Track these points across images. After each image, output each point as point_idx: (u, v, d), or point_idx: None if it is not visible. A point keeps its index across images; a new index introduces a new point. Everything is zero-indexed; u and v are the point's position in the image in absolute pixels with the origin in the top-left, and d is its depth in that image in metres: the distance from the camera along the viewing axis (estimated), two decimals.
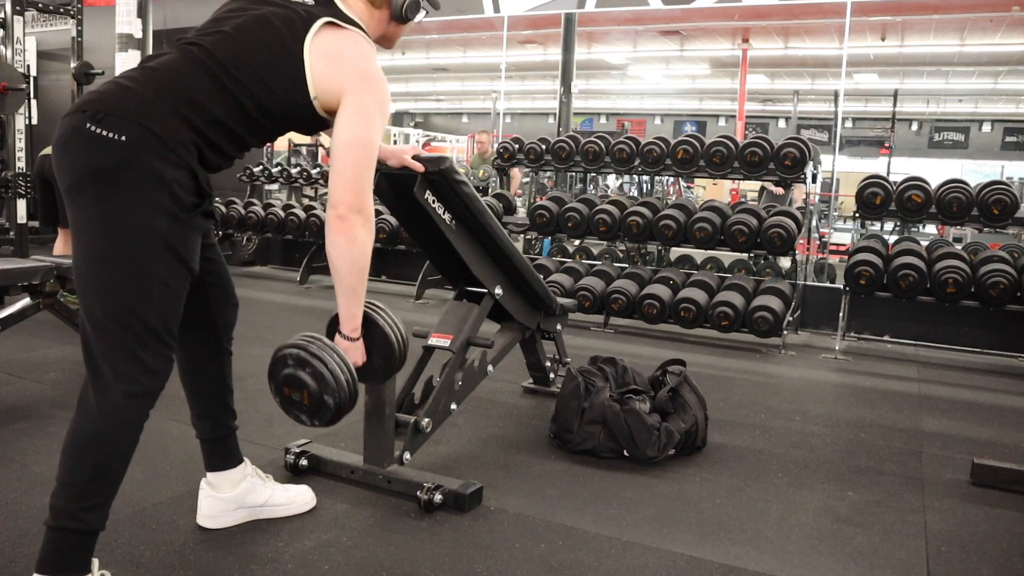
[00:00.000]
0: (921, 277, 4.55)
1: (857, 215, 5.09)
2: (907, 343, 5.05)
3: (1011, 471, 2.60)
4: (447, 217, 2.39)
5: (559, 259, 5.87)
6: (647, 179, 10.63)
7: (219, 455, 2.00)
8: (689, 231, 5.09)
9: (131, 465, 1.60)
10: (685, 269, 5.78)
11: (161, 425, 2.42)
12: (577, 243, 6.85)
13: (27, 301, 3.21)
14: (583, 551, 2.01)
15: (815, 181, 5.57)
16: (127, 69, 1.66)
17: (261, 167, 7.53)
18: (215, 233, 1.90)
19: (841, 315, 4.90)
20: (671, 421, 2.72)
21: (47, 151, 4.71)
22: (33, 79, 6.33)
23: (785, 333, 4.78)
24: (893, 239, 5.60)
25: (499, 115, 9.89)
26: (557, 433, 2.80)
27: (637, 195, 9.87)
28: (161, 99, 1.54)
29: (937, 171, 11.98)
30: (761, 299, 4.80)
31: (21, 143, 5.84)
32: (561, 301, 3.23)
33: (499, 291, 2.68)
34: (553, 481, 2.49)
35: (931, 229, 9.82)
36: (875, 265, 4.69)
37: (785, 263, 5.97)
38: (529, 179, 9.78)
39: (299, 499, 2.14)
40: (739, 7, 7.90)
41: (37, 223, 5.35)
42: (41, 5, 6.09)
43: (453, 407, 2.54)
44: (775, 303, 4.73)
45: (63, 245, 4.92)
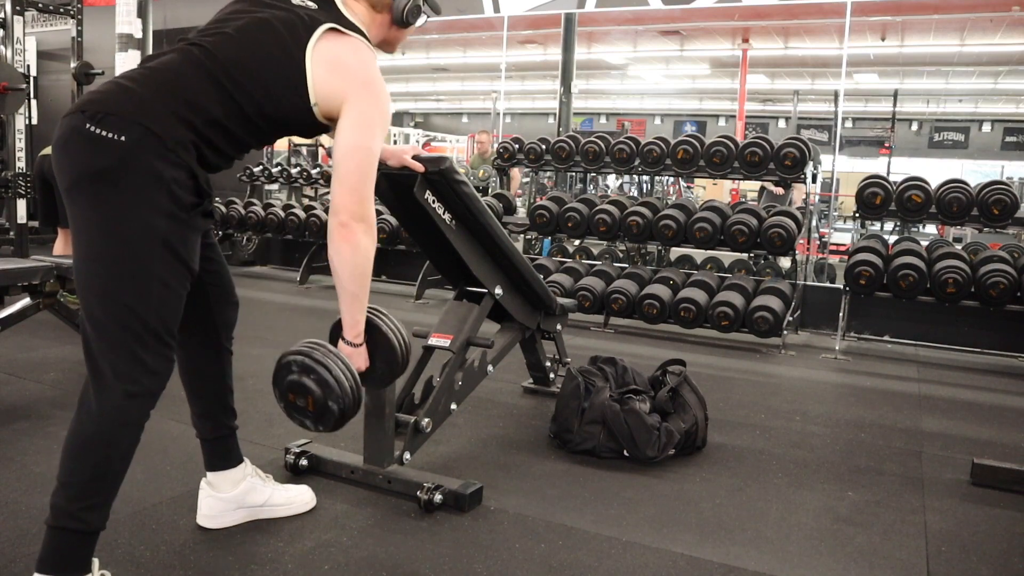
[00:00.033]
0: (921, 277, 4.56)
1: (857, 215, 5.09)
2: (907, 343, 5.05)
3: (1011, 471, 2.60)
4: (447, 217, 2.39)
5: (559, 259, 5.87)
6: (647, 179, 10.64)
7: (219, 455, 2.00)
8: (689, 231, 5.09)
9: (131, 465, 1.60)
10: (685, 269, 5.78)
11: (161, 425, 2.42)
12: (577, 243, 6.85)
13: (27, 301, 3.21)
14: (583, 551, 2.01)
15: (815, 181, 5.57)
16: (128, 69, 1.66)
17: (261, 167, 7.53)
18: (215, 233, 1.91)
19: (841, 315, 4.90)
20: (671, 421, 2.72)
21: (47, 151, 4.72)
22: (33, 79, 6.33)
23: (785, 333, 4.78)
24: (893, 239, 5.60)
25: (499, 115, 9.88)
26: (557, 433, 2.80)
27: (637, 195, 9.87)
28: (160, 99, 1.54)
29: (937, 171, 11.98)
30: (761, 299, 4.80)
31: (21, 143, 5.85)
32: (561, 301, 3.23)
33: (499, 291, 2.68)
34: (553, 481, 2.49)
35: (931, 229, 9.82)
36: (875, 265, 4.69)
37: (785, 263, 5.97)
38: (529, 179, 9.79)
39: (299, 499, 2.14)
40: (739, 7, 7.90)
41: (37, 223, 5.35)
42: (41, 5, 6.09)
43: (453, 407, 2.54)
44: (775, 303, 4.73)
45: (63, 245, 4.92)
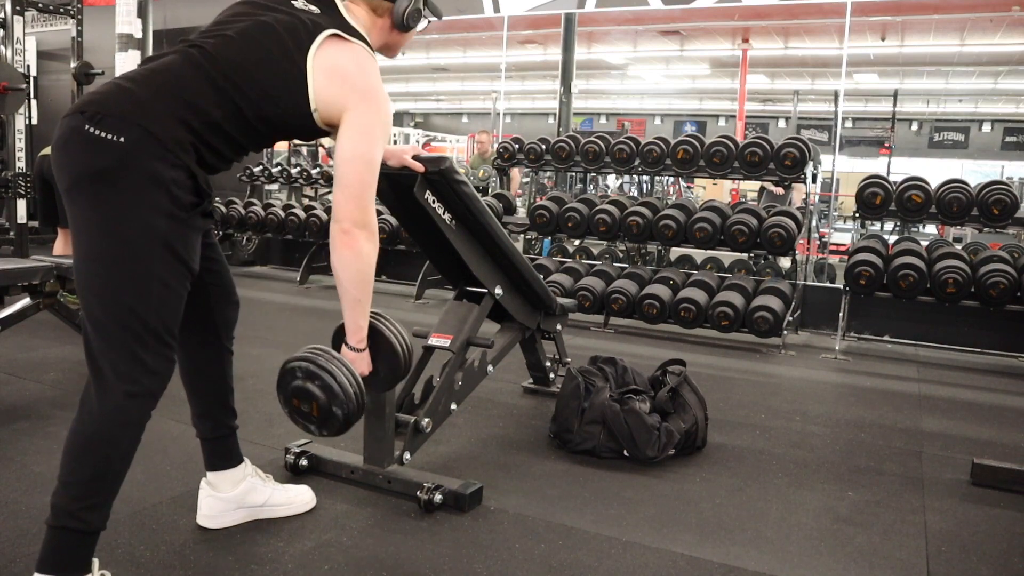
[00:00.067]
0: (921, 277, 4.56)
1: (857, 215, 5.09)
2: (907, 343, 5.05)
3: (1011, 471, 2.60)
4: (447, 217, 2.39)
5: (559, 259, 5.87)
6: (647, 179, 10.63)
7: (219, 455, 2.00)
8: (689, 231, 5.09)
9: (131, 465, 1.60)
10: (685, 269, 5.78)
11: (161, 425, 2.42)
12: (577, 243, 6.85)
13: (27, 301, 3.21)
14: (583, 551, 2.01)
15: (815, 181, 5.57)
16: (128, 70, 1.66)
17: (261, 167, 7.53)
18: (215, 233, 1.91)
19: (841, 315, 4.90)
20: (671, 421, 2.72)
21: (47, 151, 4.72)
22: (33, 79, 6.34)
23: (785, 333, 4.78)
24: (893, 239, 5.60)
25: (499, 115, 9.88)
26: (557, 433, 2.80)
27: (637, 195, 9.87)
28: (159, 100, 1.54)
29: (937, 171, 11.97)
30: (761, 299, 4.80)
31: (21, 143, 5.85)
32: (561, 301, 3.23)
33: (499, 291, 2.68)
34: (553, 481, 2.49)
35: (931, 229, 9.82)
36: (875, 265, 4.69)
37: (785, 263, 5.97)
38: (529, 179, 9.78)
39: (299, 499, 2.14)
40: (739, 7, 7.90)
41: (37, 223, 5.35)
42: (41, 5, 6.09)
43: (453, 407, 2.54)
44: (775, 303, 4.73)
45: (63, 245, 4.92)
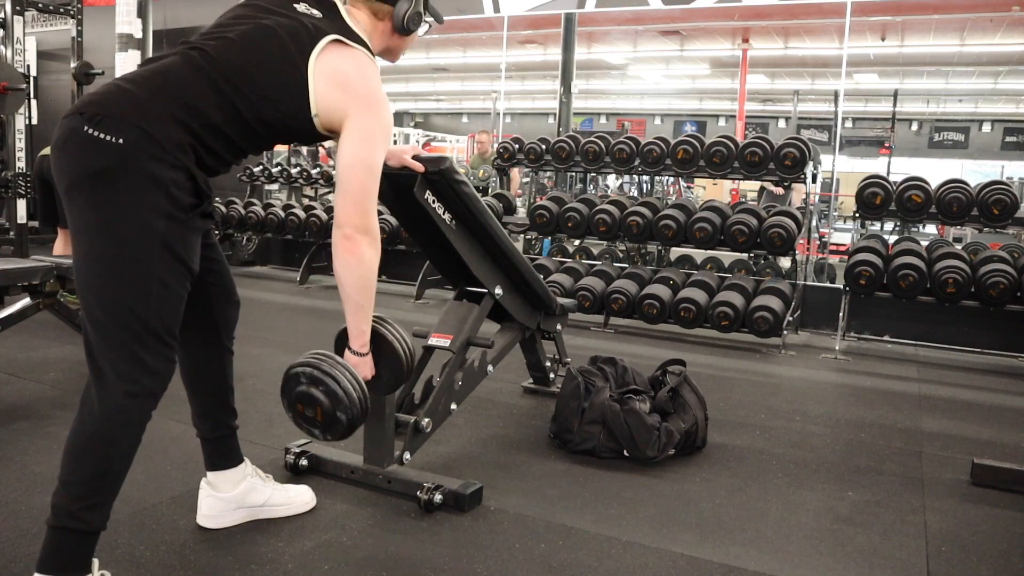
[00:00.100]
0: (921, 277, 4.56)
1: (857, 215, 5.09)
2: (907, 343, 5.05)
3: (1011, 471, 2.60)
4: (447, 217, 2.39)
5: (559, 259, 5.87)
6: (647, 179, 10.63)
7: (219, 454, 2.00)
8: (689, 231, 5.09)
9: (131, 465, 1.60)
10: (685, 269, 5.78)
11: (161, 425, 2.42)
12: (577, 243, 6.85)
13: (27, 301, 3.21)
14: (583, 551, 2.01)
15: (815, 181, 5.57)
16: (128, 71, 1.66)
17: (261, 167, 7.54)
18: (215, 233, 1.91)
19: (841, 315, 4.90)
20: (671, 421, 2.72)
21: (47, 151, 4.71)
22: (33, 79, 6.34)
23: (785, 333, 4.78)
24: (893, 239, 5.60)
25: (499, 115, 9.88)
26: (557, 433, 2.80)
27: (637, 195, 9.87)
28: (159, 102, 1.54)
29: (937, 171, 11.96)
30: (761, 299, 4.80)
31: (21, 143, 5.85)
32: (561, 301, 3.23)
33: (499, 291, 2.68)
34: (553, 481, 2.49)
35: (931, 229, 9.82)
36: (875, 265, 4.69)
37: (785, 263, 5.97)
38: (529, 179, 9.78)
39: (299, 499, 2.14)
40: (739, 7, 7.89)
41: (37, 223, 5.35)
42: (41, 5, 6.09)
43: (453, 407, 2.54)
44: (775, 303, 4.73)
45: (63, 245, 4.92)
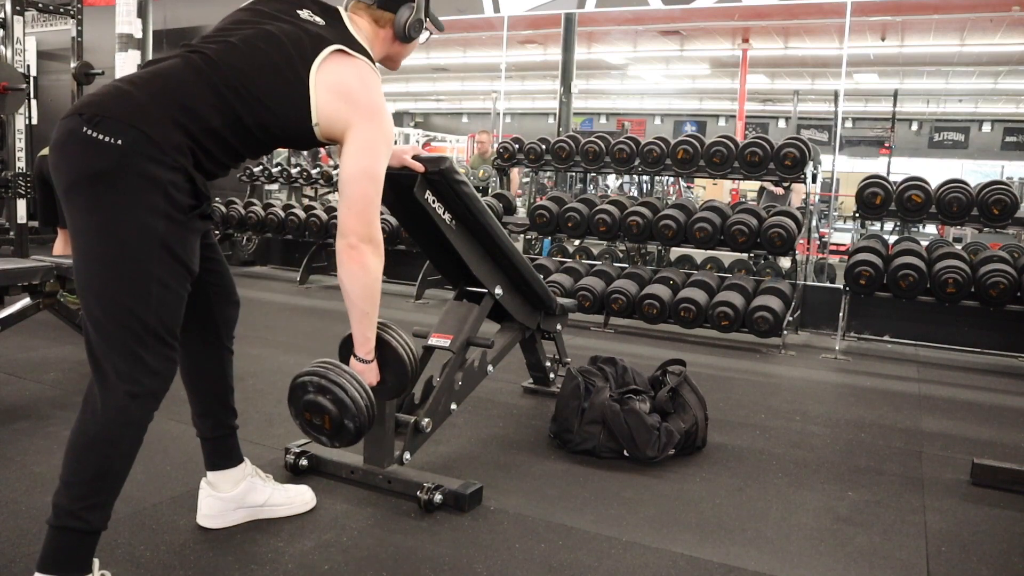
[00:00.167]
0: (921, 277, 4.56)
1: (857, 215, 5.09)
2: (907, 343, 5.05)
3: (1011, 471, 2.60)
4: (447, 217, 2.39)
5: (559, 259, 5.87)
6: (647, 179, 10.63)
7: (220, 454, 2.00)
8: (689, 231, 5.09)
9: (132, 465, 1.60)
10: (685, 269, 5.79)
11: (161, 425, 2.42)
12: (577, 243, 6.85)
13: (27, 301, 3.20)
14: (583, 551, 2.01)
15: (815, 181, 5.57)
16: (128, 73, 1.66)
17: (261, 167, 7.53)
18: (215, 233, 1.92)
19: (841, 315, 4.90)
20: (671, 421, 2.72)
21: (47, 151, 4.71)
22: (33, 79, 6.34)
23: (785, 333, 4.78)
24: (893, 239, 5.60)
25: (499, 115, 9.88)
26: (557, 433, 2.80)
27: (637, 195, 9.87)
28: (158, 104, 1.54)
29: (937, 171, 11.97)
30: (761, 299, 4.80)
31: (21, 143, 5.85)
32: (561, 301, 3.23)
33: (499, 291, 2.68)
34: (553, 481, 2.49)
35: (931, 229, 9.82)
36: (875, 265, 4.69)
37: (785, 263, 5.97)
38: (529, 179, 9.78)
39: (299, 499, 2.15)
40: (739, 7, 7.89)
41: (37, 223, 5.35)
42: (41, 5, 6.10)
43: (453, 407, 2.54)
44: (775, 303, 4.73)
45: (63, 245, 4.92)
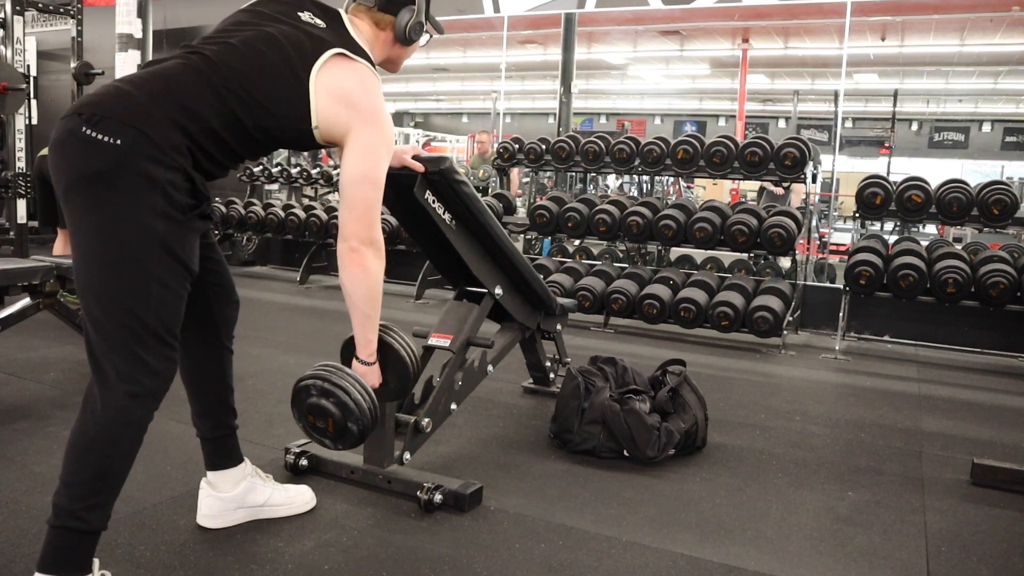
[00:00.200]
0: (921, 277, 4.56)
1: (857, 215, 5.09)
2: (907, 343, 5.05)
3: (1011, 471, 2.60)
4: (447, 217, 2.39)
5: (559, 259, 5.87)
6: (647, 179, 10.63)
7: (219, 454, 2.00)
8: (689, 231, 5.09)
9: (132, 465, 1.60)
10: (685, 269, 5.79)
11: (161, 425, 2.41)
12: (577, 243, 6.85)
13: (27, 301, 3.20)
14: (583, 551, 2.01)
15: (815, 181, 5.57)
16: (129, 73, 1.67)
17: (261, 167, 7.53)
18: (215, 233, 1.92)
19: (841, 315, 4.90)
20: (671, 421, 2.72)
21: (47, 151, 4.72)
22: (33, 79, 6.34)
23: (785, 333, 4.78)
24: (893, 239, 5.60)
25: (499, 115, 9.88)
26: (557, 433, 2.80)
27: (637, 195, 9.86)
28: (157, 104, 1.54)
29: (937, 171, 11.96)
30: (761, 299, 4.80)
31: (21, 143, 5.85)
32: (561, 301, 3.23)
33: (499, 291, 2.68)
34: (553, 481, 2.49)
35: (931, 229, 9.82)
36: (875, 265, 4.69)
37: (785, 263, 5.97)
38: (529, 179, 9.78)
39: (299, 499, 2.15)
40: (739, 7, 7.89)
41: (37, 223, 5.35)
42: (41, 5, 6.10)
43: (453, 407, 2.54)
44: (775, 303, 4.73)
45: (63, 245, 4.92)
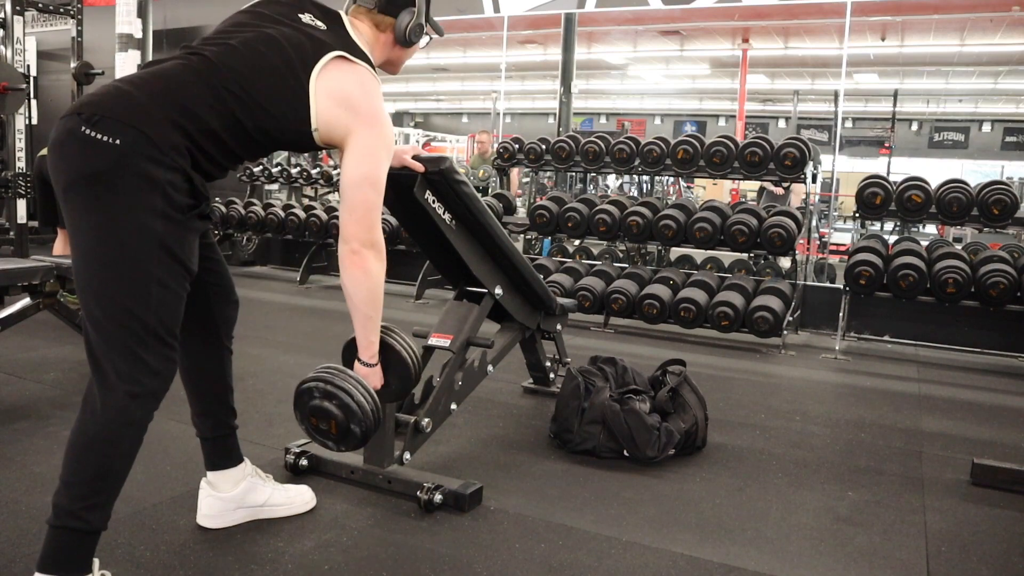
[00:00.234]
0: (921, 277, 4.56)
1: (857, 215, 5.09)
2: (907, 343, 5.05)
3: (1011, 471, 2.60)
4: (447, 217, 2.39)
5: (559, 259, 5.87)
6: (647, 179, 10.63)
7: (219, 454, 2.00)
8: (689, 231, 5.09)
9: (132, 465, 1.60)
10: (685, 269, 5.79)
11: (161, 425, 2.41)
12: (577, 243, 6.85)
13: (27, 301, 3.20)
14: (583, 551, 2.01)
15: (815, 181, 5.57)
16: (128, 73, 1.67)
17: (261, 167, 7.53)
18: (214, 233, 1.92)
19: (841, 315, 4.90)
20: (671, 421, 2.72)
21: (46, 151, 4.72)
22: (33, 79, 6.34)
23: (785, 333, 4.78)
24: (893, 239, 5.60)
25: (499, 115, 9.88)
26: (557, 433, 2.80)
27: (637, 195, 9.86)
28: (156, 104, 1.54)
29: (937, 171, 11.96)
30: (761, 299, 4.80)
31: (21, 143, 5.85)
32: (561, 301, 3.23)
33: (499, 291, 2.68)
34: (553, 481, 2.49)
35: (931, 229, 9.82)
36: (875, 265, 4.69)
37: (785, 263, 5.97)
38: (529, 179, 9.78)
39: (299, 499, 2.15)
40: (739, 7, 7.89)
41: (37, 223, 5.35)
42: (41, 5, 6.10)
43: (453, 407, 2.54)
44: (775, 303, 4.73)
45: (63, 245, 4.92)
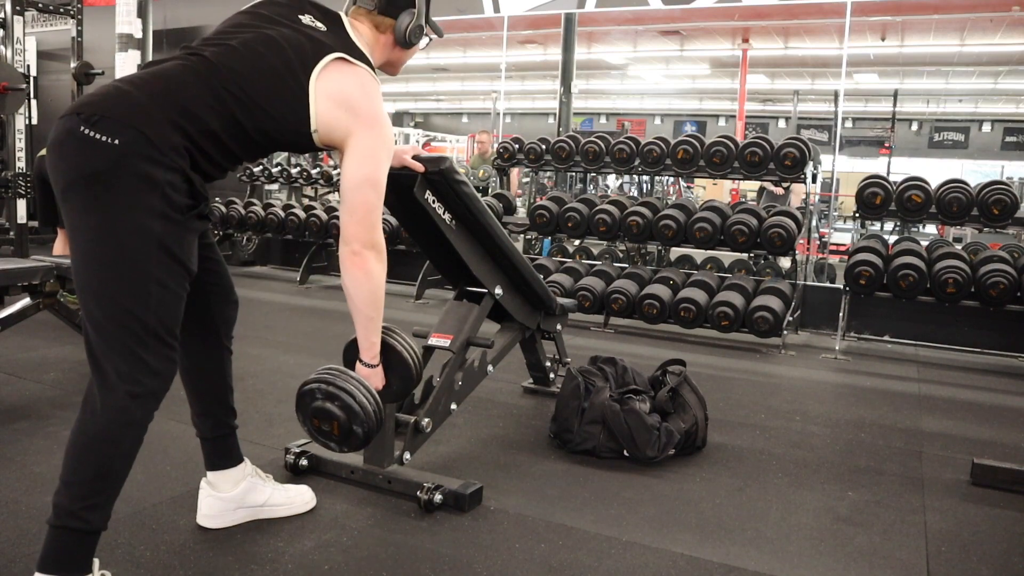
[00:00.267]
0: (921, 277, 4.56)
1: (857, 215, 5.09)
2: (907, 343, 5.05)
3: (1011, 471, 2.60)
4: (447, 217, 2.40)
5: (559, 259, 5.87)
6: (647, 179, 10.63)
7: (219, 454, 2.00)
8: (689, 231, 5.09)
9: (132, 465, 1.60)
10: (685, 269, 5.79)
11: (161, 425, 2.41)
12: (577, 243, 6.85)
13: (27, 301, 3.20)
14: (583, 551, 2.01)
15: (815, 181, 5.57)
16: (128, 73, 1.67)
17: (261, 167, 7.53)
18: (214, 233, 1.92)
19: (841, 315, 4.90)
20: (671, 421, 2.72)
21: (46, 151, 4.72)
22: (33, 79, 6.34)
23: (785, 333, 4.78)
24: (893, 239, 5.60)
25: (499, 115, 9.88)
26: (557, 433, 2.80)
27: (637, 195, 9.86)
28: (156, 105, 1.54)
29: (937, 171, 11.96)
30: (761, 299, 4.80)
31: (21, 143, 5.86)
32: (561, 301, 3.23)
33: (499, 291, 2.68)
34: (553, 481, 2.49)
35: (931, 229, 9.82)
36: (875, 265, 4.69)
37: (785, 263, 5.97)
38: (529, 179, 9.78)
39: (299, 499, 2.15)
40: (739, 7, 7.89)
41: (37, 223, 5.35)
42: (41, 5, 6.10)
43: (453, 407, 2.54)
44: (775, 303, 4.73)
45: (63, 245, 4.92)
